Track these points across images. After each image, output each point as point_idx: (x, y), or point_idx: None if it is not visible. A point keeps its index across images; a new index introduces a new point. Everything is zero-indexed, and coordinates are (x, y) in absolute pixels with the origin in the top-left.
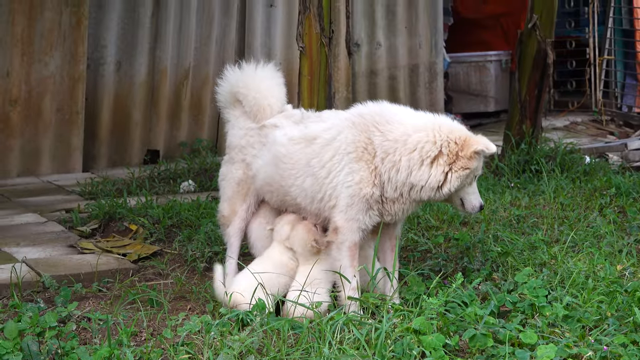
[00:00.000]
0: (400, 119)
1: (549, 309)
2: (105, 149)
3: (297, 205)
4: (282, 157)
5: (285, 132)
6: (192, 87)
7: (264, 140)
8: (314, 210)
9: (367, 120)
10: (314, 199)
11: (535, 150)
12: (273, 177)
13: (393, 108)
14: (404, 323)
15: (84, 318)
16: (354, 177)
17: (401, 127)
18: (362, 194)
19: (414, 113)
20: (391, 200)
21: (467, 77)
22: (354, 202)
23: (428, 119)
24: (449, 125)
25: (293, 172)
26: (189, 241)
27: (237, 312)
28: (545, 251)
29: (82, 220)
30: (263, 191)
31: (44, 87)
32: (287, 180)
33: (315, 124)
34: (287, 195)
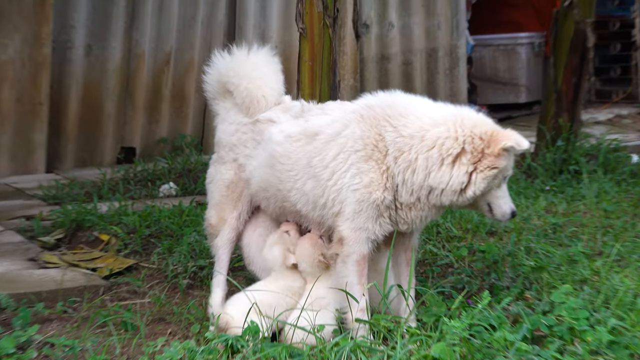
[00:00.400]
0: (417, 112)
1: (591, 334)
2: (72, 146)
3: (297, 213)
4: (279, 157)
5: (283, 128)
6: (173, 74)
7: (258, 138)
8: (316, 218)
9: (378, 113)
10: (316, 205)
11: (573, 147)
12: (269, 180)
13: (408, 99)
14: (422, 350)
15: (46, 344)
16: (362, 179)
17: (417, 120)
18: (371, 198)
19: (432, 104)
20: (407, 206)
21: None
22: (362, 209)
23: (449, 111)
24: (473, 118)
25: (292, 174)
26: (170, 254)
27: (225, 337)
28: (587, 266)
29: (44, 229)
30: (258, 197)
31: (2, 74)
32: (286, 183)
33: (317, 117)
34: (286, 201)
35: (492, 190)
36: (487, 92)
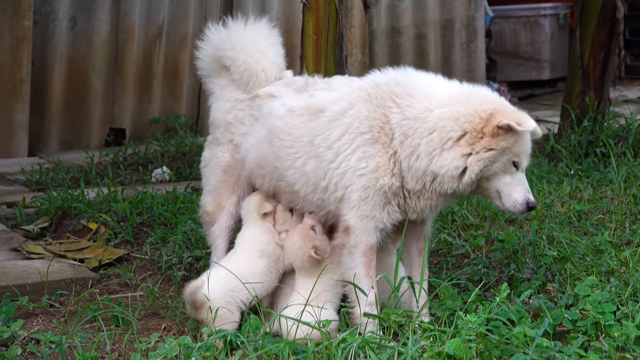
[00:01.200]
0: (425, 91)
1: (617, 329)
2: (57, 127)
3: (295, 194)
4: (279, 132)
5: (285, 101)
6: (166, 49)
7: (256, 114)
8: (316, 201)
9: (384, 92)
10: (317, 187)
11: (601, 128)
12: (266, 156)
13: (418, 76)
14: (435, 346)
15: (31, 340)
16: (368, 163)
17: (424, 100)
18: (378, 185)
19: (445, 83)
20: (414, 194)
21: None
22: (369, 195)
23: (459, 90)
24: (481, 96)
25: (291, 152)
26: (164, 243)
27: (224, 333)
28: (614, 256)
29: (28, 217)
30: (253, 175)
31: None
32: (284, 161)
33: (322, 92)
34: (282, 180)
35: (499, 175)
36: (507, 68)
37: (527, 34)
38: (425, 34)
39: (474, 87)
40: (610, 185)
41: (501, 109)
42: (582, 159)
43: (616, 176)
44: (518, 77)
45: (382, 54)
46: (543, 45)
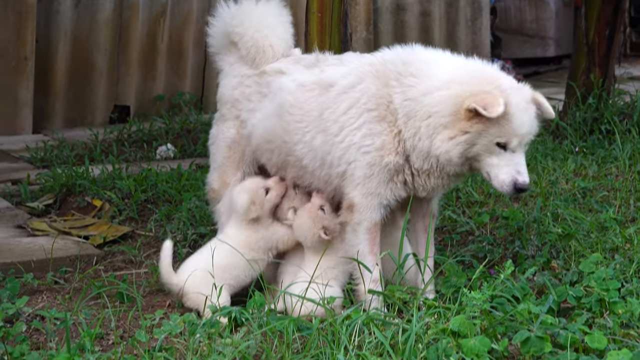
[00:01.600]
0: (428, 71)
1: (622, 306)
2: (61, 104)
3: (303, 169)
4: (289, 106)
5: (295, 77)
6: (170, 26)
7: (264, 91)
8: (323, 177)
9: (390, 70)
10: (324, 162)
11: (606, 105)
12: (275, 131)
13: (424, 54)
14: (440, 323)
15: (36, 316)
16: (374, 141)
17: (427, 81)
18: (383, 162)
19: (450, 62)
20: (423, 172)
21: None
22: (374, 173)
23: (461, 71)
24: (478, 77)
25: (301, 126)
26: (168, 220)
27: (229, 310)
28: (618, 233)
29: (32, 194)
30: (260, 150)
31: None
32: (293, 135)
33: (333, 67)
34: (291, 154)
35: (484, 157)
36: (512, 46)
37: (532, 11)
38: (429, 11)
39: (479, 66)
40: (615, 162)
41: (477, 91)
42: (587, 136)
43: (621, 153)
44: (523, 54)
45: (387, 32)
46: (548, 22)
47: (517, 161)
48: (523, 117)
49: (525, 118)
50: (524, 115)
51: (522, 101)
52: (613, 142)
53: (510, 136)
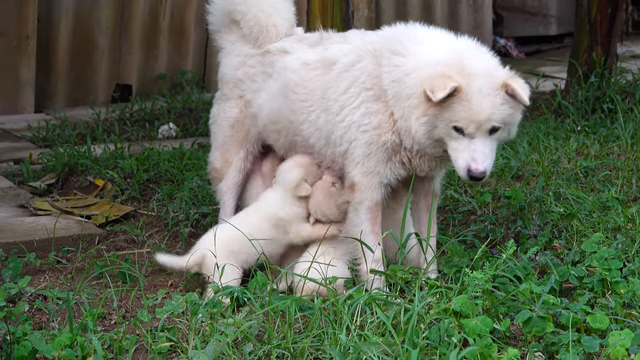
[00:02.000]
0: (415, 49)
1: (624, 286)
2: (63, 84)
3: (310, 148)
4: (294, 86)
5: (298, 56)
6: (172, 5)
7: (269, 70)
8: (329, 155)
9: (384, 49)
10: (328, 141)
11: (608, 84)
12: (281, 111)
13: (416, 32)
14: (442, 303)
15: (38, 296)
16: (371, 120)
17: (411, 61)
18: (380, 141)
19: (438, 41)
20: (417, 154)
21: None
22: (371, 152)
23: (443, 50)
24: (452, 58)
25: (306, 105)
26: (170, 200)
27: (231, 289)
28: (620, 212)
29: (35, 173)
30: (267, 131)
31: None
32: (299, 115)
33: (337, 45)
34: (298, 134)
35: (446, 140)
36: (514, 24)
37: None
38: None
39: (460, 46)
40: (617, 141)
41: (437, 74)
42: (589, 115)
43: (623, 132)
44: (525, 32)
45: (389, 9)
46: (550, 0)
47: (474, 147)
48: (482, 103)
49: (484, 104)
50: (483, 101)
51: (486, 86)
52: (615, 120)
53: (466, 121)
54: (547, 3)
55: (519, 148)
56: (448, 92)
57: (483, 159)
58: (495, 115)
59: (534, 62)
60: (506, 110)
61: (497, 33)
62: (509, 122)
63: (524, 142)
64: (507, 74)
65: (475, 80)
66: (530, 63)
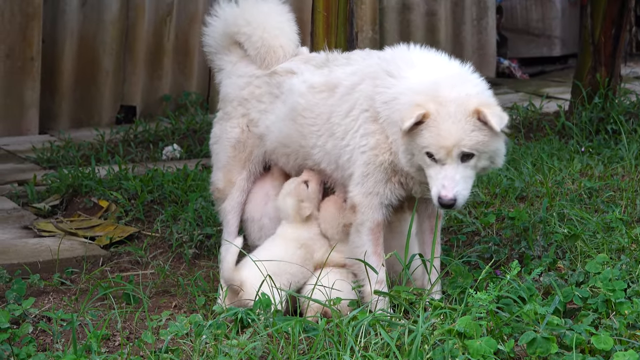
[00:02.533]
0: (404, 72)
1: (628, 307)
2: (67, 105)
3: (322, 172)
4: (302, 110)
5: (305, 78)
6: (176, 26)
7: (276, 92)
8: (340, 179)
9: (380, 70)
10: (337, 165)
11: (612, 105)
12: (290, 135)
13: (412, 55)
14: (446, 324)
15: (42, 318)
16: (368, 140)
17: (401, 84)
18: (377, 161)
19: (433, 63)
20: (410, 176)
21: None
22: (370, 172)
23: (427, 74)
24: (433, 84)
25: (314, 130)
26: (174, 221)
27: (235, 311)
28: (624, 233)
29: (39, 194)
30: (276, 154)
31: None
32: (308, 139)
33: (341, 67)
34: (309, 158)
35: (425, 168)
36: (518, 45)
37: (538, 10)
38: (435, 10)
39: (444, 70)
40: (621, 162)
41: (412, 101)
42: (592, 136)
43: (627, 153)
44: (529, 53)
45: (393, 31)
46: (554, 22)
47: (445, 174)
48: (450, 129)
49: (453, 129)
50: (452, 127)
51: (456, 113)
52: (619, 141)
53: (436, 147)
54: (551, 24)
55: (522, 169)
56: (414, 120)
57: (452, 186)
58: (465, 141)
59: (538, 83)
60: (478, 137)
61: (501, 54)
62: (482, 149)
63: (528, 163)
64: (481, 102)
65: (447, 107)
66: (534, 84)
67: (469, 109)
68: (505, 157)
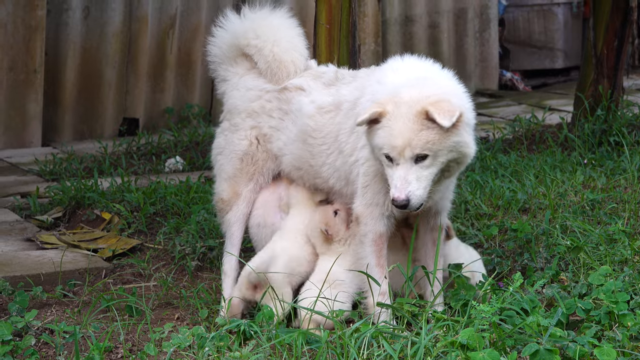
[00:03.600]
0: (390, 78)
1: (631, 318)
2: (70, 117)
3: (331, 190)
4: (311, 131)
5: (313, 98)
6: (179, 39)
7: (285, 107)
8: (349, 195)
9: (374, 79)
10: (348, 181)
11: (614, 117)
12: (301, 156)
13: (401, 63)
14: (449, 336)
15: (45, 330)
16: (365, 151)
17: (382, 88)
18: (372, 172)
19: (412, 68)
20: None
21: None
22: (368, 183)
23: (403, 78)
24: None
25: (324, 148)
26: (177, 233)
27: (237, 323)
28: (627, 245)
29: (41, 207)
30: (292, 176)
31: None
32: (317, 158)
33: (346, 86)
34: (318, 177)
35: (384, 168)
36: (520, 57)
37: (541, 23)
38: (438, 23)
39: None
40: (624, 174)
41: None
42: (595, 148)
43: (629, 165)
44: (531, 65)
45: (395, 43)
46: (556, 34)
47: (398, 174)
48: (400, 128)
49: (403, 129)
50: (402, 127)
51: (407, 113)
52: (622, 154)
53: (388, 147)
54: (554, 37)
55: (525, 181)
56: (367, 116)
57: (404, 187)
58: (414, 142)
59: (541, 96)
60: (427, 136)
61: (503, 66)
62: (435, 148)
63: (531, 175)
64: (432, 101)
65: (400, 107)
66: (537, 96)
67: (417, 109)
68: (475, 147)
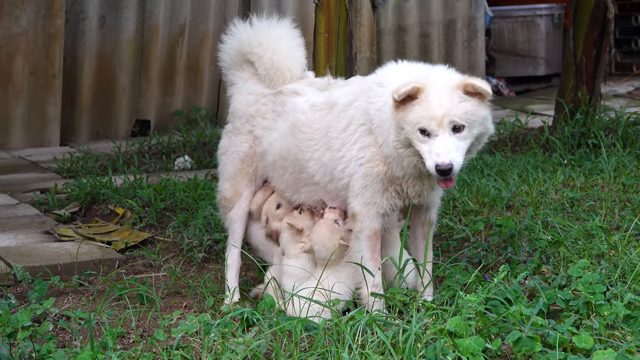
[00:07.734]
0: (395, 79)
1: (607, 308)
2: (86, 119)
3: (315, 185)
4: (302, 125)
5: (308, 98)
6: (188, 46)
7: (279, 109)
8: (333, 191)
9: (373, 83)
10: (332, 177)
11: (592, 121)
12: (289, 149)
13: (401, 66)
14: (437, 324)
15: (62, 316)
16: (365, 153)
17: (389, 89)
18: (374, 172)
19: (419, 68)
20: (405, 180)
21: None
22: (368, 183)
23: (413, 73)
24: (418, 72)
25: (312, 143)
26: (185, 227)
27: (241, 310)
28: (604, 240)
29: (59, 202)
30: (275, 167)
31: (14, 46)
32: (305, 152)
33: (340, 89)
34: (304, 171)
35: (417, 145)
36: (505, 65)
37: (524, 33)
38: (429, 32)
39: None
40: (601, 174)
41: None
42: (574, 149)
43: (606, 166)
44: (515, 73)
45: (389, 51)
46: (539, 44)
47: (438, 144)
48: (440, 100)
49: (443, 101)
50: (442, 99)
51: (444, 88)
52: (599, 155)
53: (427, 120)
54: (536, 46)
55: (509, 180)
56: (409, 88)
57: (447, 153)
58: (454, 111)
59: (524, 101)
60: (466, 107)
61: (489, 73)
62: (472, 119)
63: (514, 174)
64: (462, 78)
65: (435, 85)
66: (520, 101)
67: (455, 84)
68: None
